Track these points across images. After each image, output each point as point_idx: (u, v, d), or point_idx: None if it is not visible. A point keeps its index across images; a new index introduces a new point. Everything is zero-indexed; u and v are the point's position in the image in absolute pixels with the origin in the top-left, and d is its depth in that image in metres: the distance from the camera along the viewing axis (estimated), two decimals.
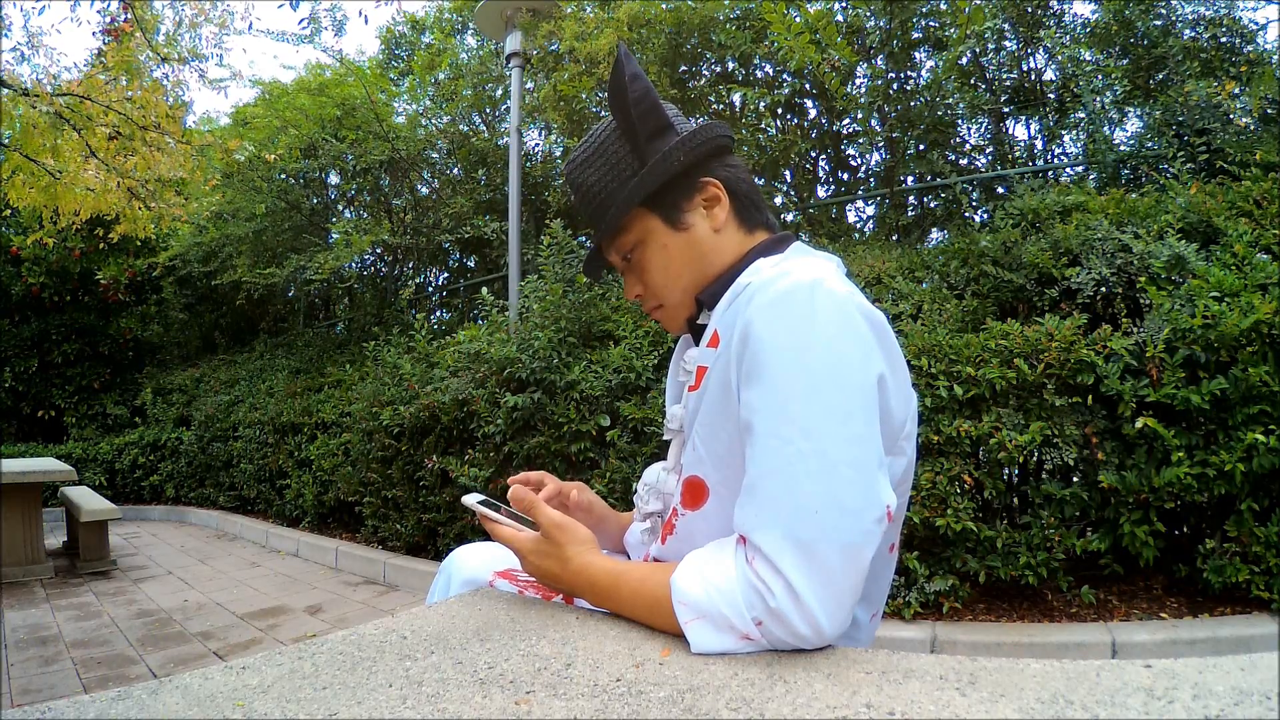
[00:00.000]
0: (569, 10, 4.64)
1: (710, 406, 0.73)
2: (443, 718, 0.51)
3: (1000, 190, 4.46)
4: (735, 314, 0.72)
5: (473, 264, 7.39)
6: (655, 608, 0.67)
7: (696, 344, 0.85)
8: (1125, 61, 4.15)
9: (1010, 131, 4.92)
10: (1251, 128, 3.34)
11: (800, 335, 0.64)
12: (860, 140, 4.59)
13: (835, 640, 0.61)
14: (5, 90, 3.73)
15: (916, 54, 4.55)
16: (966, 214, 4.40)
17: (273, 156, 5.67)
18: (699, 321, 0.86)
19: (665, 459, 0.90)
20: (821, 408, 0.62)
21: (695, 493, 0.76)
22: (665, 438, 0.89)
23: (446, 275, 7.91)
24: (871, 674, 0.55)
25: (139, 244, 6.84)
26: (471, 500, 0.88)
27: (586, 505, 1.02)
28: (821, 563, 0.59)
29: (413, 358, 4.47)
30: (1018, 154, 4.85)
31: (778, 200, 4.89)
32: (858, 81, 4.35)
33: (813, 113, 4.75)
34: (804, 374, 0.63)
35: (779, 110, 4.58)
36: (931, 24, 4.36)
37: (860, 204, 5.15)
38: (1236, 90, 3.45)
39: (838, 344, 0.64)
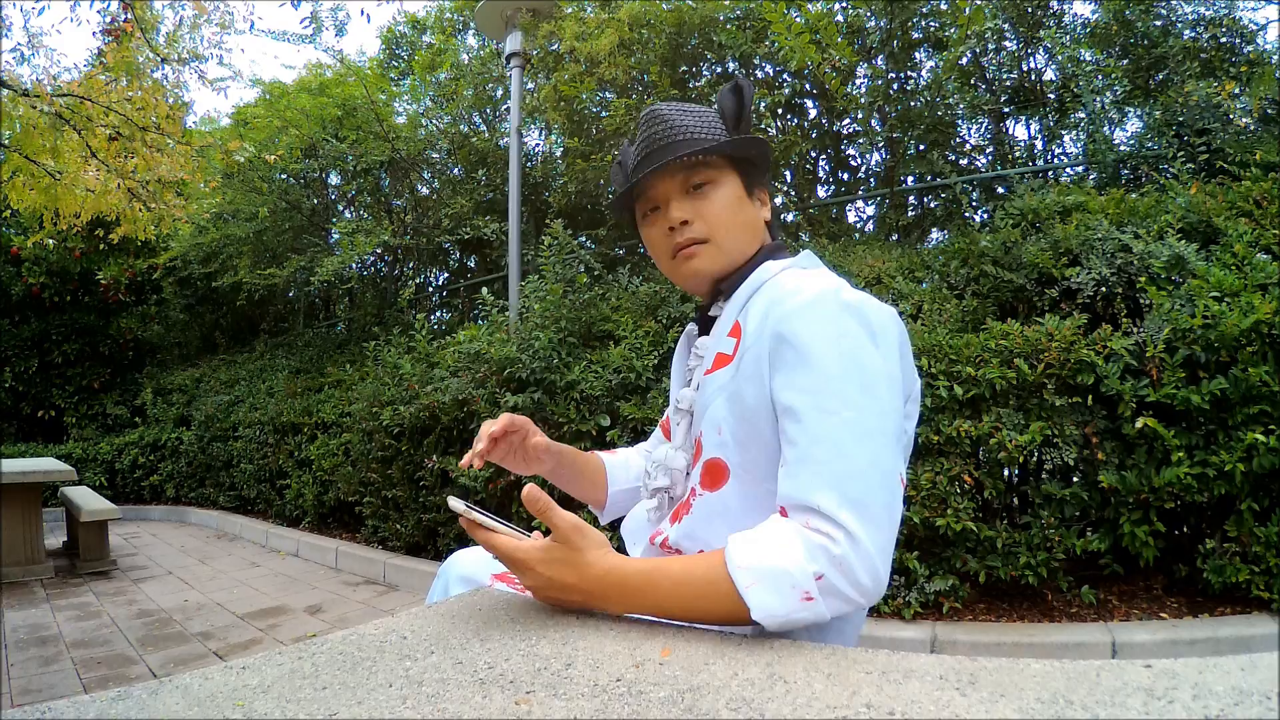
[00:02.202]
0: (569, 10, 4.64)
1: (737, 397, 0.80)
2: (443, 718, 0.51)
3: (1000, 190, 4.46)
4: (764, 313, 0.81)
5: (473, 264, 7.38)
6: (707, 589, 0.67)
7: (703, 334, 0.93)
8: (1125, 61, 4.15)
9: (1010, 131, 4.91)
10: (1251, 128, 3.34)
11: (833, 329, 0.74)
12: (860, 140, 4.59)
13: (874, 600, 0.67)
14: (5, 91, 3.73)
15: (916, 54, 4.55)
16: (966, 214, 4.39)
17: (273, 157, 5.66)
18: (710, 313, 0.92)
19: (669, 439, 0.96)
20: (857, 385, 0.71)
21: (715, 475, 0.82)
22: (675, 419, 0.93)
23: (447, 275, 7.90)
24: (871, 674, 0.55)
25: (139, 245, 6.83)
26: (459, 505, 0.77)
27: (556, 452, 1.07)
28: (873, 517, 0.66)
29: (413, 358, 4.47)
30: (1018, 154, 4.84)
31: (778, 200, 4.89)
32: (858, 81, 4.35)
33: (813, 113, 4.75)
34: (839, 360, 0.72)
35: (779, 110, 4.58)
36: (931, 24, 4.36)
37: (860, 204, 5.15)
38: (1236, 90, 3.45)
39: (862, 336, 0.75)
